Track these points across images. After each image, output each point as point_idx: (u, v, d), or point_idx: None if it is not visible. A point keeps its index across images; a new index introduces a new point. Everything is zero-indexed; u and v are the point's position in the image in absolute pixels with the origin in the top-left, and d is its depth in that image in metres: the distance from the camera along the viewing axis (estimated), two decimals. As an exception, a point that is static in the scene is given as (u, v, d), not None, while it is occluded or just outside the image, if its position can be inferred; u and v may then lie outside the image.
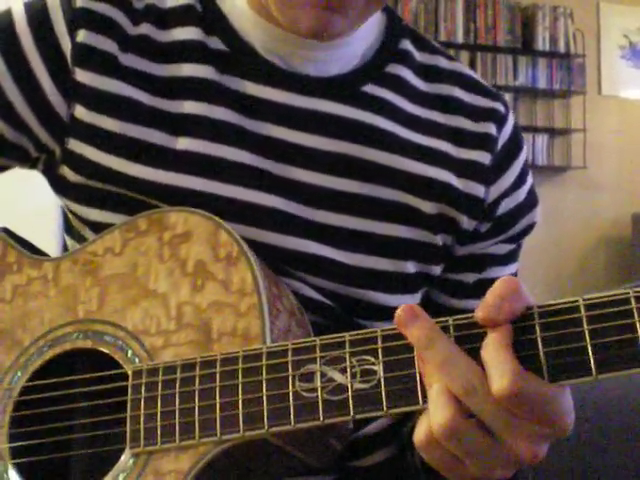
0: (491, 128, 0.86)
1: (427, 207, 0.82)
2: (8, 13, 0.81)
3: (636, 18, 5.75)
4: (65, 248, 0.89)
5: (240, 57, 0.81)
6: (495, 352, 0.57)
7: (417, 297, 0.85)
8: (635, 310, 0.55)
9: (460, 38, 5.29)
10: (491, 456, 0.59)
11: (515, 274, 0.91)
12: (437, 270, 0.85)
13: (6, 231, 0.80)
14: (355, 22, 0.79)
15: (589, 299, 0.57)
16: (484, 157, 0.85)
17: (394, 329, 0.61)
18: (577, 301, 0.57)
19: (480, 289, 0.87)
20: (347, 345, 0.62)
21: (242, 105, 0.80)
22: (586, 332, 0.56)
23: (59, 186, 0.83)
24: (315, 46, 0.81)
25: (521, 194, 0.88)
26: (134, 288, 0.71)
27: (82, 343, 0.71)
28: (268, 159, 0.79)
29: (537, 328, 0.58)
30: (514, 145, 0.88)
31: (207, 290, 0.69)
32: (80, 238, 0.83)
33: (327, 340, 0.63)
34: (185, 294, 0.69)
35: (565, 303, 0.57)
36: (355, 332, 0.62)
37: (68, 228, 0.86)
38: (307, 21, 0.74)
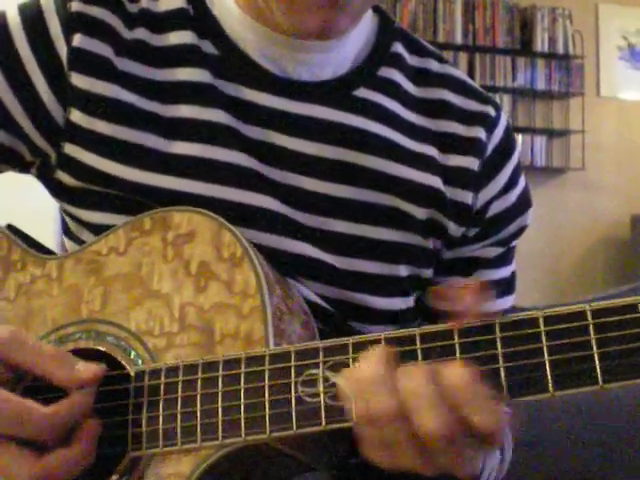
0: (480, 133, 0.86)
1: (418, 212, 0.82)
2: (2, 16, 0.81)
3: (635, 19, 5.75)
4: (64, 250, 0.88)
5: (232, 61, 0.81)
6: (472, 387, 0.56)
7: (410, 300, 0.85)
8: None
9: (459, 39, 5.29)
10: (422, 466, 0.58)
11: (511, 277, 0.91)
12: (428, 273, 0.86)
13: (11, 228, 0.79)
14: (356, 17, 0.79)
15: (595, 306, 0.56)
16: (472, 163, 0.85)
17: (397, 333, 0.61)
18: (583, 308, 0.56)
19: None
20: (350, 349, 0.61)
21: (236, 109, 0.80)
22: (593, 340, 0.55)
23: (56, 190, 0.83)
24: (307, 48, 0.81)
25: (511, 197, 0.87)
26: (138, 288, 0.71)
27: (85, 343, 0.71)
28: (262, 162, 0.79)
29: (542, 336, 0.57)
30: (505, 149, 0.88)
31: (210, 291, 0.68)
32: (78, 240, 0.83)
33: (330, 344, 0.62)
34: (188, 295, 0.69)
35: (571, 309, 0.57)
36: (358, 336, 0.62)
37: (67, 230, 0.86)
38: (314, 22, 0.75)
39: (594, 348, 0.55)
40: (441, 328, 0.60)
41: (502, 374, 0.57)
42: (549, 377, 0.56)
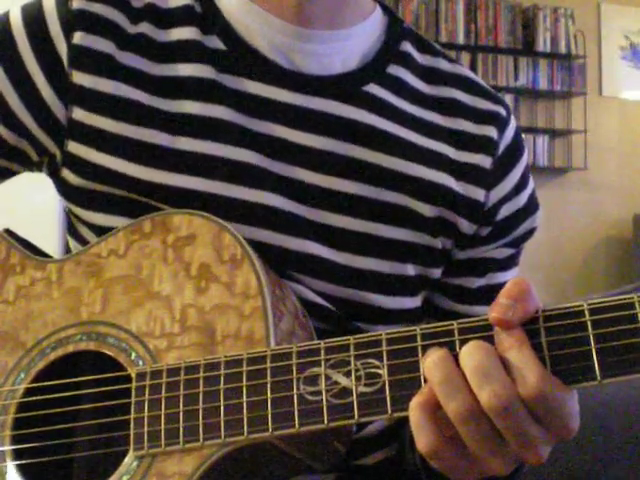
0: (492, 132, 0.86)
1: (427, 210, 0.82)
2: (5, 16, 0.82)
3: (637, 19, 5.75)
4: (67, 249, 0.89)
5: (239, 56, 0.81)
6: (520, 353, 0.57)
7: (417, 300, 0.85)
8: None
9: (461, 39, 5.30)
10: (495, 459, 0.59)
11: None
12: (437, 273, 0.85)
13: (8, 232, 0.80)
14: None
15: (594, 303, 0.57)
16: (485, 161, 0.85)
17: (399, 332, 0.61)
18: (582, 305, 0.57)
19: (483, 295, 0.87)
20: (352, 348, 0.62)
21: (242, 104, 0.79)
22: (591, 336, 0.56)
23: (62, 189, 0.83)
24: (315, 39, 0.81)
25: (522, 199, 0.87)
26: (138, 290, 0.71)
27: (85, 345, 0.71)
28: (269, 158, 0.79)
29: (542, 332, 0.58)
30: (515, 149, 0.88)
31: (211, 292, 0.68)
32: (83, 240, 0.83)
33: (332, 343, 0.62)
34: (189, 296, 0.69)
35: (570, 307, 0.57)
36: (360, 335, 0.62)
37: (71, 230, 0.86)
38: None
39: (592, 344, 0.56)
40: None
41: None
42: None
